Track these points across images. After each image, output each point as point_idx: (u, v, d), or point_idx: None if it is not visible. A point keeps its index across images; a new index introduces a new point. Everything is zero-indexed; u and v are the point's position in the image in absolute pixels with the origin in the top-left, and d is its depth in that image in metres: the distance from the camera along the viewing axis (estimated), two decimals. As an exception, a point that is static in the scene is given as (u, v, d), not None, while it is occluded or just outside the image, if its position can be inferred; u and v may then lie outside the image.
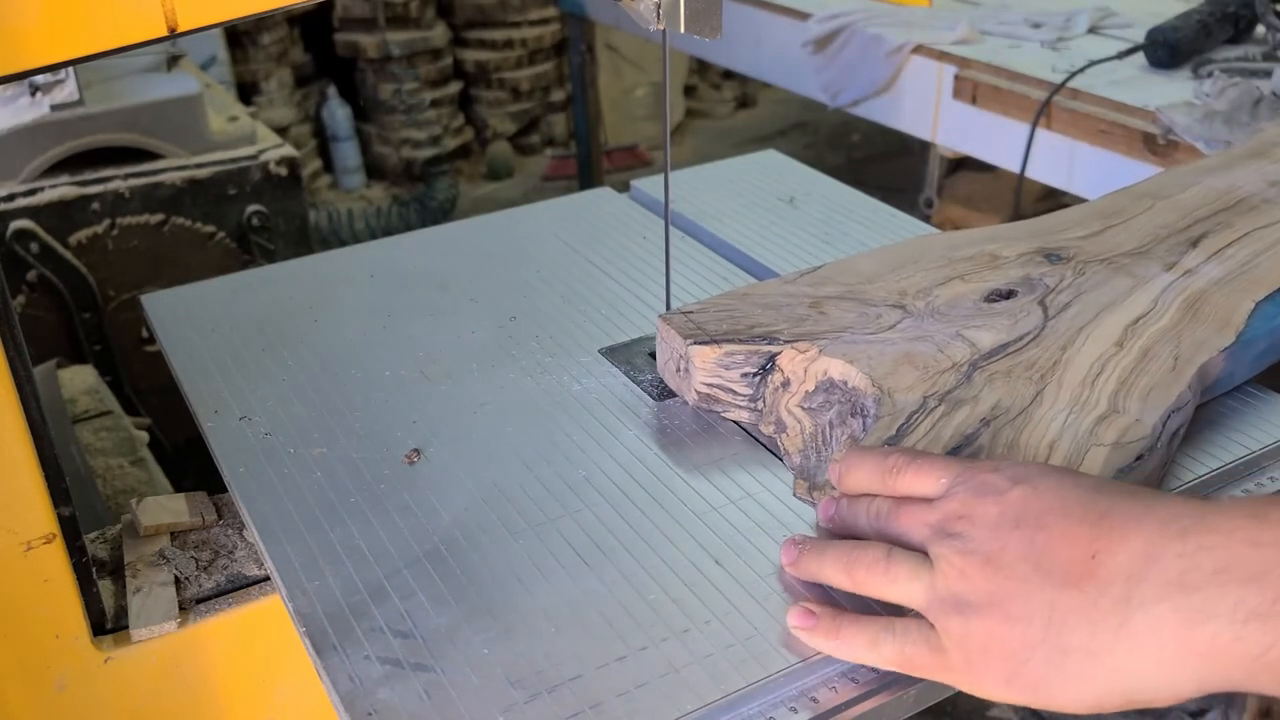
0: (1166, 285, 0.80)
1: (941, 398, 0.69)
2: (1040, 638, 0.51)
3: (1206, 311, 0.77)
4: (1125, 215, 0.91)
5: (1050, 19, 1.95)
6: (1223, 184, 0.94)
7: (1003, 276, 0.82)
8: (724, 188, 1.14)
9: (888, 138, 3.66)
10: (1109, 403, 0.69)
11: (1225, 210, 0.90)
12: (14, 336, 0.61)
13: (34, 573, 0.66)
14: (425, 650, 0.59)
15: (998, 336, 0.75)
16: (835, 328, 0.76)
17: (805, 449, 0.73)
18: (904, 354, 0.73)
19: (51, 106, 1.69)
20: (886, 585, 0.57)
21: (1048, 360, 0.73)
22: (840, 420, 0.72)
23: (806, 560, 0.62)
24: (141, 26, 0.58)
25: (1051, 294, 0.80)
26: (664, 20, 0.71)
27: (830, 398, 0.73)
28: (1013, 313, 0.78)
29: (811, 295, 0.81)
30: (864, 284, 0.82)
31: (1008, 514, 0.54)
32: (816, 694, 0.57)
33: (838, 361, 0.72)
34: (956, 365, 0.72)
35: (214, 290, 0.98)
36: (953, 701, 1.88)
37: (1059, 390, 0.70)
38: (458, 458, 0.74)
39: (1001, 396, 0.69)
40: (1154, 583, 0.48)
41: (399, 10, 3.80)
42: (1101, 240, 0.87)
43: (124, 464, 1.09)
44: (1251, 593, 0.45)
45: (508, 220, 1.10)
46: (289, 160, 1.85)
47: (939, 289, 0.81)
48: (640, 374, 0.83)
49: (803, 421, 0.74)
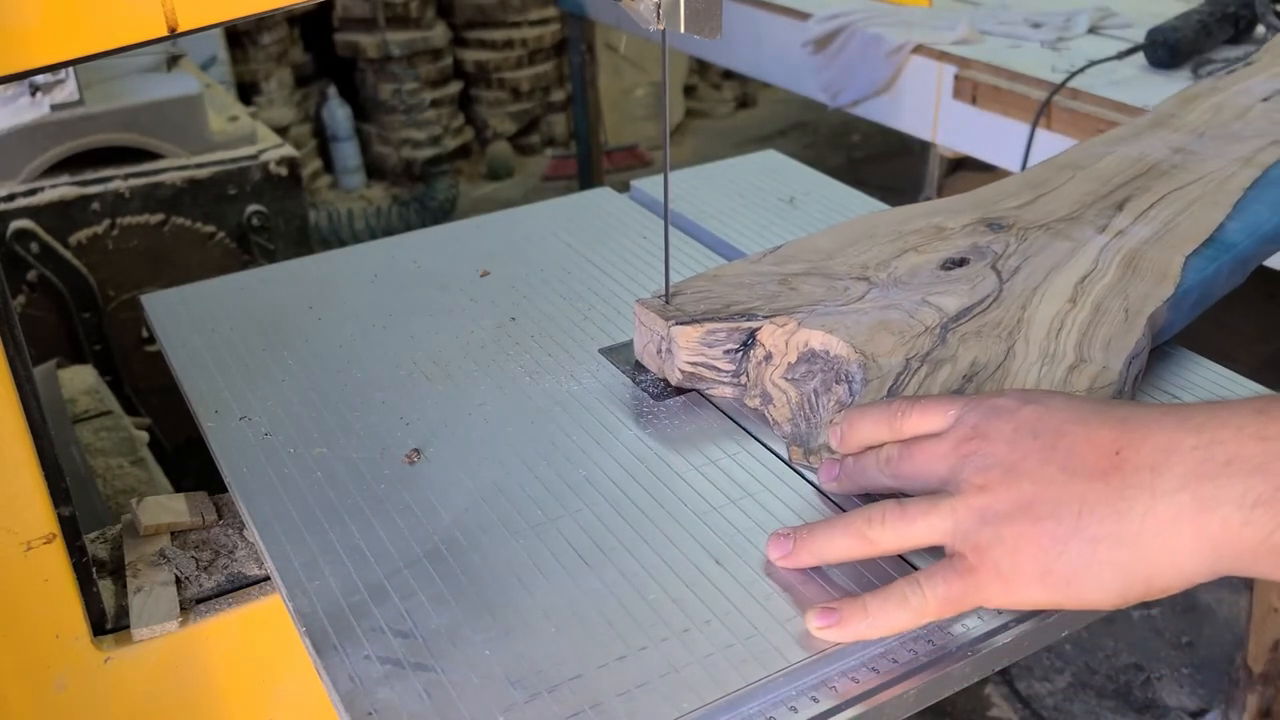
0: (1103, 246, 0.87)
1: (923, 359, 0.73)
2: (1071, 530, 0.53)
3: (1144, 267, 0.83)
4: (1052, 185, 0.97)
5: (1050, 19, 1.95)
6: (1134, 152, 1.01)
7: (952, 246, 0.88)
8: (724, 188, 1.15)
9: (888, 138, 3.66)
10: (1075, 353, 0.74)
11: (1140, 176, 0.97)
12: (14, 336, 0.61)
13: (34, 573, 0.66)
14: (425, 650, 0.59)
15: (961, 300, 0.80)
16: (808, 301, 0.80)
17: (794, 417, 0.75)
18: (878, 321, 0.77)
19: (52, 106, 1.69)
20: (906, 529, 0.58)
21: (1011, 319, 0.78)
22: (825, 388, 0.75)
23: (805, 546, 0.62)
24: (141, 26, 0.58)
25: (1001, 259, 0.86)
26: (664, 20, 0.71)
27: (813, 367, 0.76)
28: (969, 278, 0.83)
29: (779, 273, 0.85)
30: (826, 260, 0.87)
31: (1023, 428, 0.56)
32: (817, 693, 0.57)
33: (818, 332, 0.76)
34: (929, 329, 0.77)
35: (214, 290, 0.98)
36: (952, 702, 1.88)
37: (1028, 346, 0.75)
38: (458, 458, 0.74)
39: (978, 354, 0.74)
40: (1174, 473, 0.51)
41: (399, 10, 3.80)
42: (1036, 208, 0.94)
43: (124, 464, 1.09)
44: (1258, 481, 0.49)
45: (508, 220, 1.10)
46: (289, 160, 1.85)
47: (896, 260, 0.86)
48: (640, 374, 0.83)
49: (788, 392, 0.77)
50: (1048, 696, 1.89)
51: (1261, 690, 1.55)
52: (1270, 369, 2.49)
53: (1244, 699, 1.57)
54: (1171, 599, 2.07)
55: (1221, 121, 1.05)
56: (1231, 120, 1.05)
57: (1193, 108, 1.09)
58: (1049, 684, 1.92)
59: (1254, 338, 2.60)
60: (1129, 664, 1.95)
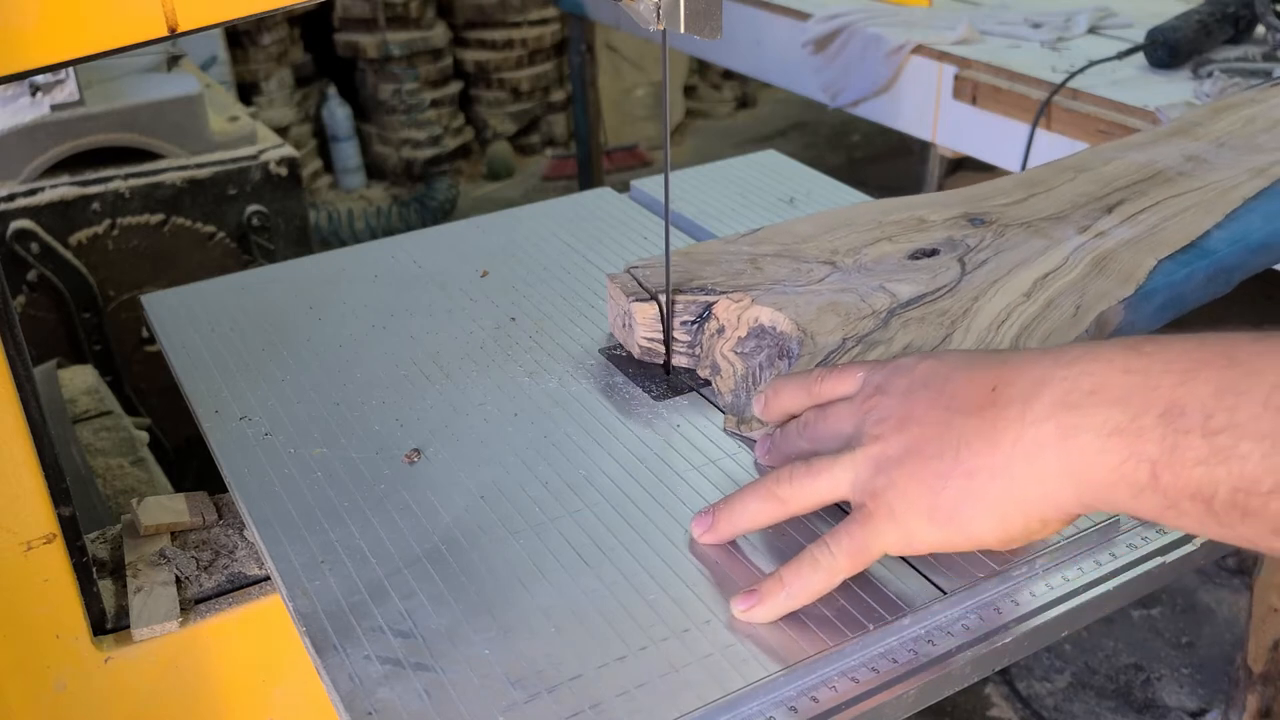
0: (1078, 245, 0.87)
1: (859, 339, 0.76)
2: (952, 465, 0.55)
3: (1112, 267, 0.83)
4: (1048, 185, 0.98)
5: (1050, 19, 1.95)
6: (1143, 158, 1.01)
7: (928, 238, 0.89)
8: (724, 188, 1.15)
9: (888, 138, 3.66)
10: (1011, 343, 0.75)
11: (1142, 181, 0.96)
12: (14, 336, 0.61)
13: (34, 573, 0.66)
14: (425, 650, 0.59)
15: (916, 288, 0.82)
16: (769, 281, 0.83)
17: (736, 389, 0.79)
18: (829, 303, 0.80)
19: (52, 106, 1.69)
20: (812, 484, 0.60)
21: (959, 308, 0.80)
22: (769, 363, 0.79)
23: (723, 517, 0.64)
24: (141, 26, 0.58)
25: (971, 253, 0.87)
26: (664, 20, 0.71)
27: (761, 342, 0.80)
28: (933, 268, 0.85)
29: (750, 253, 0.88)
30: (799, 243, 0.90)
31: (916, 380, 0.59)
32: (816, 694, 0.57)
33: (767, 309, 0.80)
34: (876, 312, 0.79)
35: (214, 290, 0.98)
36: (952, 702, 1.88)
37: (966, 334, 0.77)
38: (458, 458, 0.74)
39: (913, 338, 0.76)
40: (1043, 402, 0.53)
41: (399, 10, 3.80)
42: (1024, 207, 0.94)
43: (124, 464, 1.09)
44: (1117, 411, 0.50)
45: (508, 220, 1.10)
46: (289, 160, 1.85)
47: (868, 248, 0.88)
48: (640, 374, 0.83)
49: (735, 364, 0.80)
50: (1048, 696, 1.89)
51: (1261, 690, 1.55)
52: (1270, 369, 2.48)
53: (1244, 699, 1.57)
54: (1171, 599, 2.07)
55: (1249, 133, 1.03)
56: (1260, 132, 1.03)
57: (1222, 118, 1.08)
58: (1049, 684, 1.92)
59: (1254, 338, 2.59)
60: (1129, 664, 1.95)
